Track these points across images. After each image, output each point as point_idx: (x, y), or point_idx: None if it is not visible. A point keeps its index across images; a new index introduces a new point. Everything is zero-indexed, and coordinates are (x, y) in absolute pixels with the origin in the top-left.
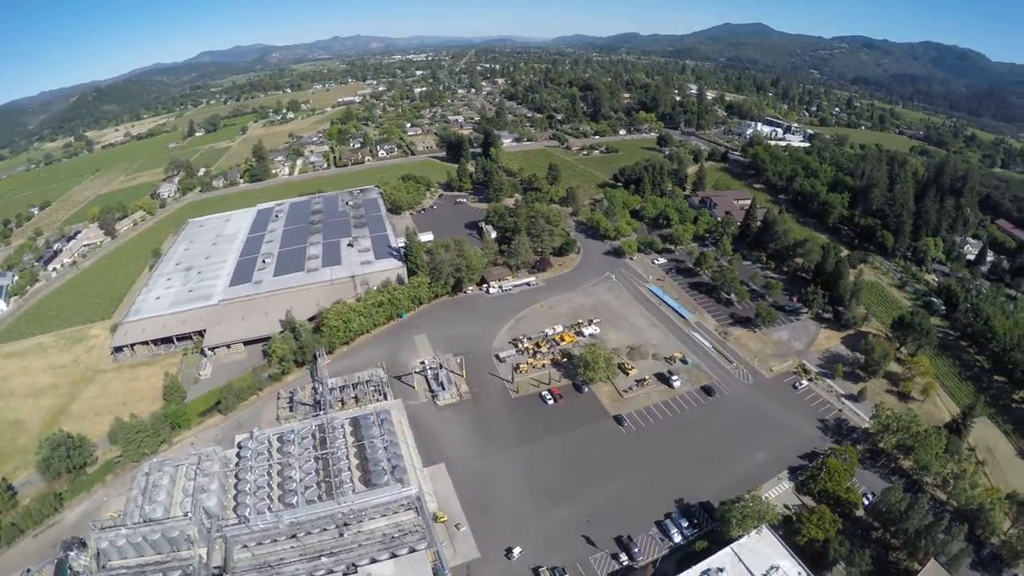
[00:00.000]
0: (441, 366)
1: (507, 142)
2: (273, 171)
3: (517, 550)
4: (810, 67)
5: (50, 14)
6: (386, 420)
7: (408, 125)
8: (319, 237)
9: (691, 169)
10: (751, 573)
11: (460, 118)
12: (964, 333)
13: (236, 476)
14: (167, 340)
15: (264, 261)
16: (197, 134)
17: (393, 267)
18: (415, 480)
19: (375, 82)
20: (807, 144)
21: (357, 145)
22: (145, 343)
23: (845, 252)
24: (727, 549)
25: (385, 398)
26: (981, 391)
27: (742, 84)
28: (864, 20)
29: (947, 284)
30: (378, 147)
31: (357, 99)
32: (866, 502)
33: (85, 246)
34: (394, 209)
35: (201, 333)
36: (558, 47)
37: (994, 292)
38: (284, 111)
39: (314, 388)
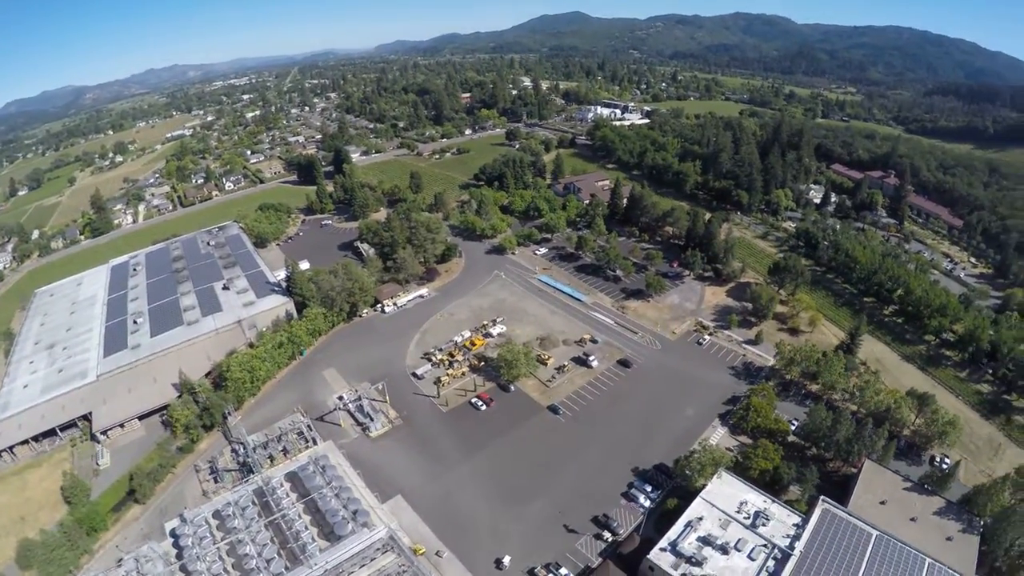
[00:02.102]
0: (361, 397)
1: (356, 156)
2: (116, 221)
3: (507, 559)
4: (629, 48)
5: None
6: (327, 466)
7: (249, 153)
8: (189, 285)
9: (547, 158)
10: (725, 513)
11: (300, 138)
12: (829, 267)
13: (184, 570)
14: (49, 433)
15: (135, 322)
16: (20, 192)
17: (279, 303)
18: (379, 520)
19: (202, 112)
20: (647, 120)
21: (200, 180)
22: (25, 442)
23: (708, 215)
24: (698, 499)
25: (314, 443)
26: (857, 313)
27: (571, 71)
28: None
29: (804, 228)
30: (223, 180)
31: (188, 132)
32: (793, 427)
33: None
34: (259, 242)
35: (87, 417)
36: (381, 55)
37: (846, 227)
38: (112, 155)
39: (234, 450)
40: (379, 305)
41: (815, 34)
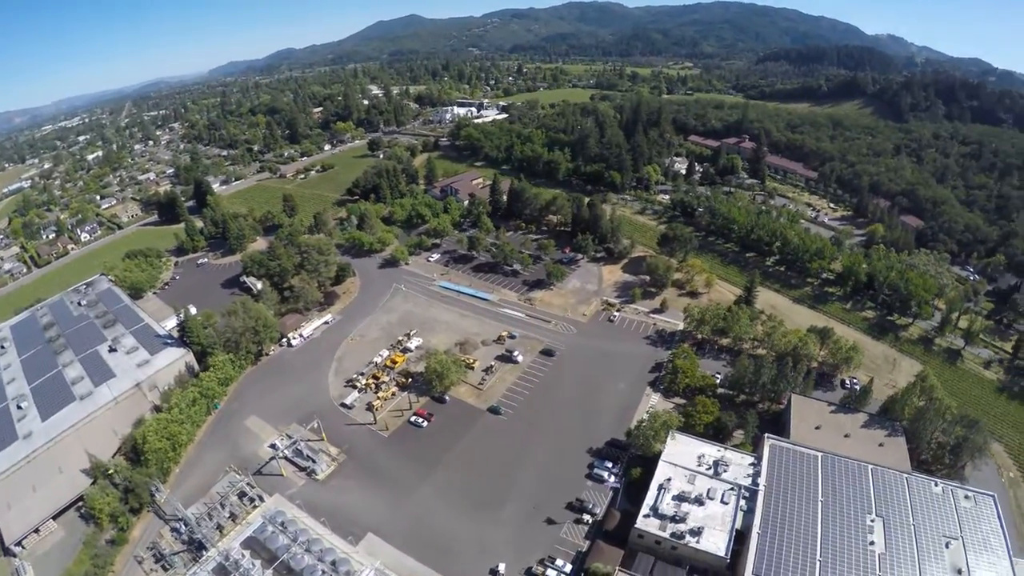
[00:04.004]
0: (296, 440)
1: (216, 186)
2: None
3: (502, 567)
4: (469, 46)
5: None
6: (286, 521)
7: (99, 198)
8: (70, 354)
9: (417, 163)
10: (688, 469)
11: (151, 175)
12: (709, 231)
13: None
14: None
15: (20, 407)
16: None
17: (177, 356)
18: (361, 564)
19: (37, 160)
20: (506, 115)
21: (52, 235)
22: None
23: (587, 199)
24: (661, 463)
25: (261, 500)
26: (744, 268)
27: (416, 75)
28: None
29: (678, 198)
30: (78, 231)
31: (26, 184)
32: (718, 380)
33: None
34: (134, 293)
35: None
36: (217, 78)
37: (715, 193)
38: None
39: (175, 529)
40: (284, 339)
41: (647, 16)
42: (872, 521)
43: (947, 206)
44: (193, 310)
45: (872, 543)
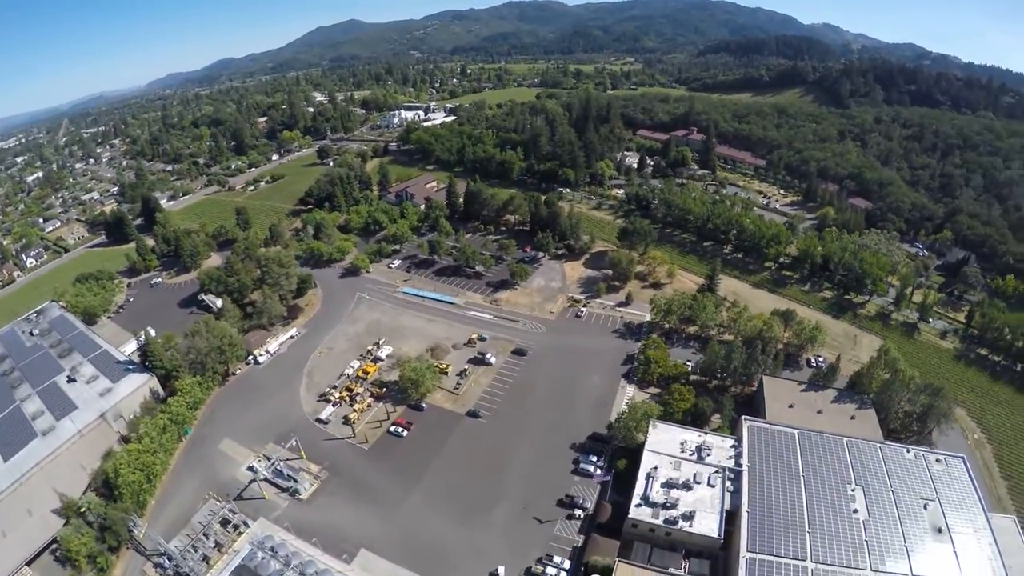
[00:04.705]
0: (276, 460)
1: (163, 202)
2: None
3: (501, 570)
4: (410, 49)
5: None
6: (275, 546)
7: (42, 221)
8: (27, 387)
9: (370, 168)
10: (673, 456)
11: (95, 194)
12: (665, 223)
13: None
14: None
15: None
16: None
17: (141, 382)
18: None
19: None
20: (454, 117)
21: None
22: None
23: (543, 198)
24: (645, 452)
25: (246, 526)
26: (703, 258)
27: (360, 80)
28: None
29: (633, 192)
30: (22, 256)
31: None
32: (689, 367)
33: None
34: (87, 319)
35: None
36: (156, 91)
37: (669, 184)
38: None
39: (158, 564)
40: (251, 356)
41: (586, 13)
42: (853, 490)
43: (893, 187)
44: (152, 332)
45: (856, 511)
